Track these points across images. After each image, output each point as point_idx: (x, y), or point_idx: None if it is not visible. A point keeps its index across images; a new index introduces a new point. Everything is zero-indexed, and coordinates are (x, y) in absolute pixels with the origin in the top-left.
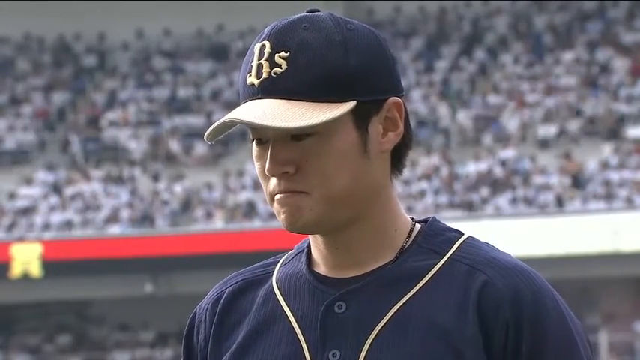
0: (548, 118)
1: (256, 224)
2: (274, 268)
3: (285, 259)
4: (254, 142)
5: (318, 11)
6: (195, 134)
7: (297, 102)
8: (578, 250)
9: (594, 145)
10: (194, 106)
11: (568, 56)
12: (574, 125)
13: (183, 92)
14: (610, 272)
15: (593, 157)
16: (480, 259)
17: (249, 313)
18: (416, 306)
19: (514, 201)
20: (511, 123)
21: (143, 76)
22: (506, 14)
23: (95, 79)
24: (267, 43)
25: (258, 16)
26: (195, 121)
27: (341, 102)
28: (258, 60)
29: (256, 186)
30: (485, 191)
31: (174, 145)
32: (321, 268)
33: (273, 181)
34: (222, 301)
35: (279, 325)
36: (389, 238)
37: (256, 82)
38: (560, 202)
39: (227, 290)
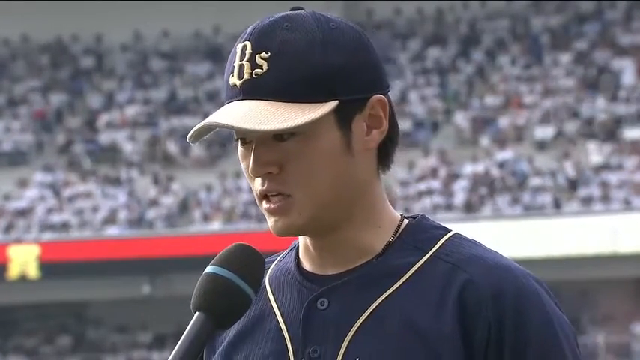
0: (545, 119)
1: (253, 226)
2: (271, 265)
3: (282, 256)
4: (239, 142)
5: (302, 9)
6: None
7: (279, 103)
8: (576, 251)
9: (592, 146)
10: (192, 108)
11: (565, 58)
12: (572, 127)
13: (181, 93)
14: (608, 274)
15: (591, 158)
16: (462, 257)
17: None
18: (395, 303)
19: (512, 202)
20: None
21: (140, 78)
22: (503, 16)
23: (93, 80)
24: (248, 44)
25: (256, 17)
26: (192, 122)
27: (323, 102)
28: (240, 61)
29: None
30: (483, 193)
31: (172, 147)
32: (308, 265)
33: (259, 180)
34: None
35: (267, 322)
36: (373, 236)
37: (238, 83)
38: (557, 204)
39: None
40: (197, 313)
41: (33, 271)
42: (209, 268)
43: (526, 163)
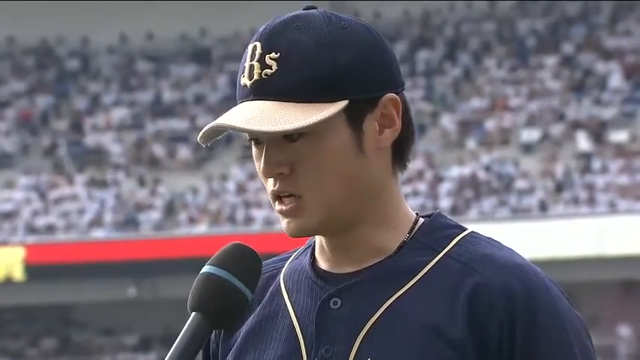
0: (531, 122)
1: (240, 228)
2: (285, 263)
3: (297, 254)
4: (252, 142)
5: (315, 8)
6: (179, 138)
7: (288, 103)
8: (561, 254)
9: (577, 149)
10: (178, 110)
11: (551, 60)
12: (557, 129)
13: (167, 96)
14: (594, 276)
15: (576, 161)
16: (474, 257)
17: (257, 307)
18: (407, 303)
19: (498, 205)
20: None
21: (127, 80)
22: (489, 18)
23: (78, 82)
24: (258, 44)
25: (242, 20)
26: (178, 124)
27: (332, 102)
28: (250, 61)
29: (240, 190)
30: (469, 195)
31: (158, 149)
32: (323, 264)
33: (271, 180)
34: None
35: (281, 320)
36: (389, 235)
37: (248, 83)
38: (543, 206)
39: None
40: (193, 313)
41: (18, 274)
42: (205, 268)
43: (512, 165)
